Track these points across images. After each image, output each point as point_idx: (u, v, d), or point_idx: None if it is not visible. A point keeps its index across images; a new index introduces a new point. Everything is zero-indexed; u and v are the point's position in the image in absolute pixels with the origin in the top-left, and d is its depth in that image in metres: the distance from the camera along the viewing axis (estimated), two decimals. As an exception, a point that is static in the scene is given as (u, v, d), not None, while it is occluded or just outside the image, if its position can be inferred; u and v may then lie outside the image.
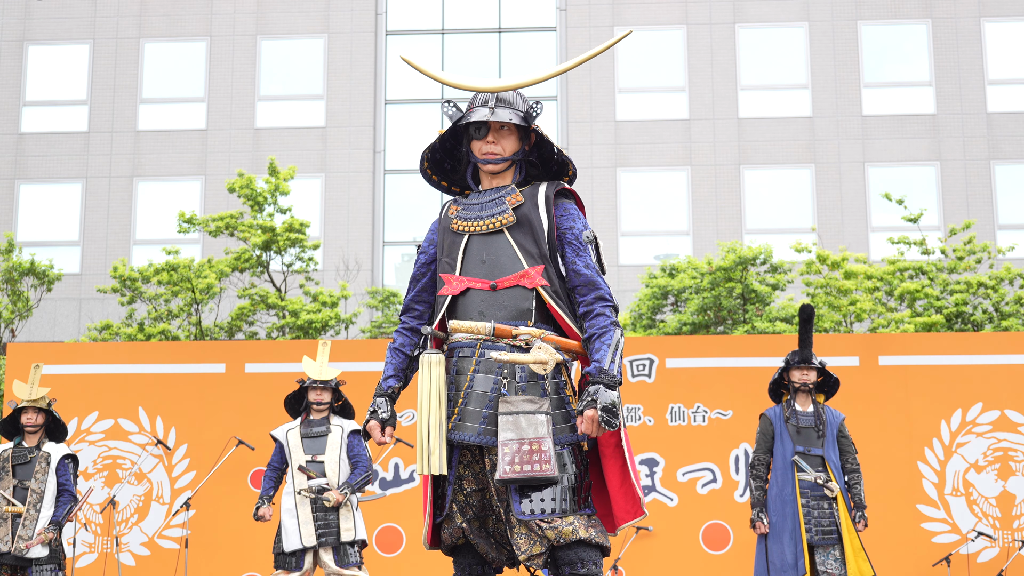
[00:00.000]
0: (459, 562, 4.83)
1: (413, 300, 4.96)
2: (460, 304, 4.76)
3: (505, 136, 4.80)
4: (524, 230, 4.74)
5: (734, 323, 19.09)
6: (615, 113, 25.45)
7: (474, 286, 4.73)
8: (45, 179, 25.61)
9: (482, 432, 4.57)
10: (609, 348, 4.55)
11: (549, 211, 4.77)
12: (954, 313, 18.24)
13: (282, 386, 10.56)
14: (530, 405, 4.50)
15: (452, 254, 4.80)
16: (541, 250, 4.72)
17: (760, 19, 25.70)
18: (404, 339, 4.92)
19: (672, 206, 25.17)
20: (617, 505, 4.72)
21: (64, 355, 12.75)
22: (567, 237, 4.77)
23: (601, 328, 4.62)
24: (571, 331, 4.73)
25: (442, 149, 4.99)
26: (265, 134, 25.45)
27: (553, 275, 4.72)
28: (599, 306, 4.67)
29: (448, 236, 4.85)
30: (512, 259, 4.72)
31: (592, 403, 4.46)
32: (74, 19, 26.13)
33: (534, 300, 4.70)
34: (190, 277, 19.21)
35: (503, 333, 4.64)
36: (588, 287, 4.70)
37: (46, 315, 23.91)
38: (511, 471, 4.45)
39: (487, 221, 4.77)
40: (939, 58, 25.24)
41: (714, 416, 12.10)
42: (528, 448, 4.45)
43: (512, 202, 4.78)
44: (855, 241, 23.95)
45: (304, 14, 26.06)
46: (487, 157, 4.81)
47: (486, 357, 4.63)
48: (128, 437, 12.21)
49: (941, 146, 24.90)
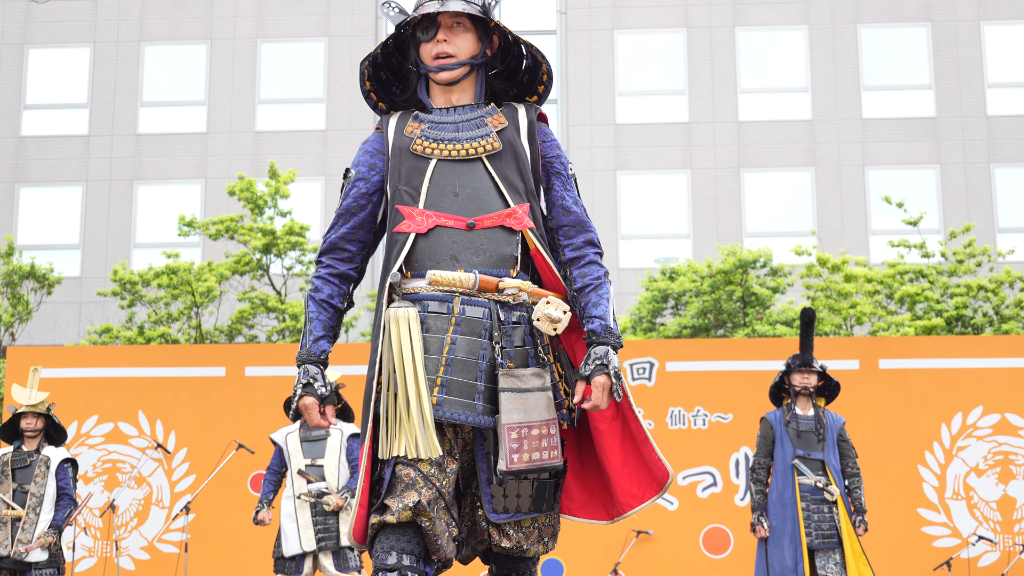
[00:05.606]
0: (387, 544, 3.69)
1: (343, 238, 4.00)
2: (423, 246, 3.88)
3: (459, 34, 4.00)
4: (508, 160, 3.96)
5: (734, 326, 19.09)
6: (615, 116, 25.46)
7: (445, 223, 3.87)
8: (45, 182, 25.61)
9: (481, 411, 3.77)
10: (609, 303, 3.90)
11: (532, 138, 4.02)
12: (954, 316, 18.24)
13: (282, 390, 10.55)
14: (538, 380, 3.79)
15: (414, 182, 3.91)
16: (527, 185, 3.96)
17: (760, 22, 25.70)
18: (331, 288, 3.99)
19: (672, 209, 25.17)
20: (621, 489, 3.96)
21: (64, 358, 12.76)
22: (555, 167, 4.04)
23: (596, 279, 3.93)
24: (555, 282, 3.99)
25: (388, 67, 4.15)
26: (265, 137, 25.46)
27: (538, 216, 3.97)
28: (591, 252, 3.98)
29: (407, 159, 3.95)
30: (491, 194, 3.91)
31: (602, 367, 3.78)
32: (75, 22, 26.13)
33: (519, 245, 3.92)
34: (190, 280, 19.22)
35: (487, 285, 3.83)
36: (577, 228, 3.98)
37: (46, 318, 23.90)
38: (519, 460, 3.73)
39: (466, 145, 3.94)
40: (939, 61, 25.24)
41: (714, 420, 12.10)
42: (538, 433, 3.75)
43: (495, 124, 4.00)
44: (855, 244, 23.94)
45: (304, 17, 26.06)
46: (439, 62, 3.98)
47: (466, 315, 3.81)
48: (128, 441, 12.22)
49: (941, 149, 24.90)
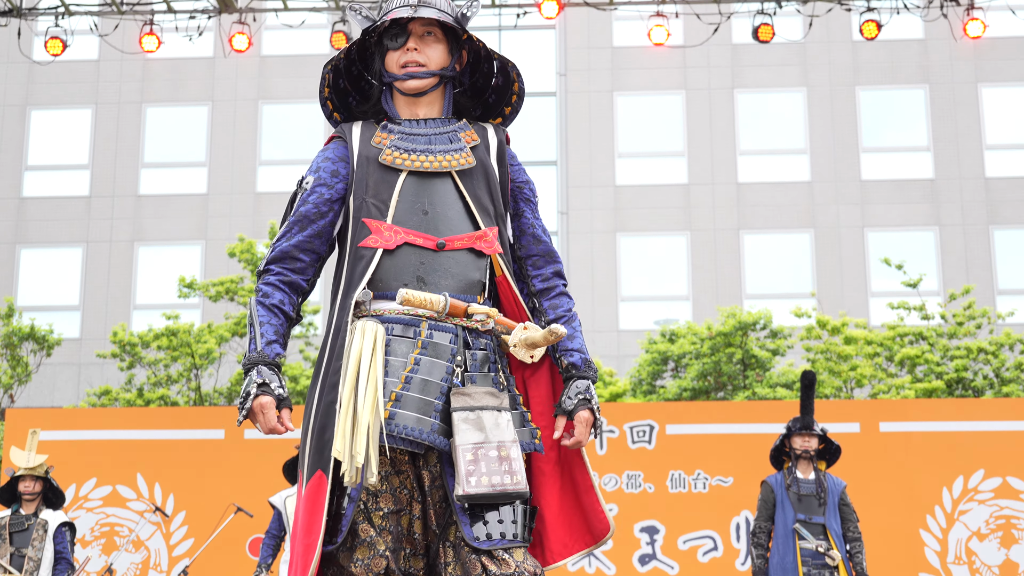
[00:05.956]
0: None
1: (298, 247, 3.70)
2: (388, 264, 3.63)
3: (430, 44, 3.76)
4: (479, 179, 3.74)
5: (734, 389, 19.07)
6: (615, 178, 25.55)
7: (413, 241, 3.63)
8: (46, 243, 25.67)
9: (436, 430, 3.47)
10: (582, 336, 3.76)
11: (502, 159, 3.81)
12: (955, 379, 18.21)
13: (281, 452, 10.52)
14: (492, 399, 3.50)
15: (382, 195, 3.67)
16: (496, 208, 3.74)
17: (758, 84, 25.86)
18: (283, 295, 3.69)
19: (672, 271, 25.21)
20: (554, 536, 3.71)
21: (63, 421, 12.74)
22: (524, 192, 3.86)
23: (568, 311, 3.79)
24: (517, 312, 3.77)
25: (348, 76, 3.89)
26: (266, 198, 25.52)
27: (506, 241, 3.78)
28: (560, 284, 3.84)
29: (375, 170, 3.71)
30: (461, 214, 3.69)
31: (585, 402, 3.64)
32: (77, 84, 26.29)
33: (487, 269, 3.71)
34: (190, 342, 19.21)
35: (455, 311, 3.59)
36: (547, 258, 3.84)
37: (45, 380, 23.86)
38: (478, 484, 3.40)
39: (440, 158, 3.71)
40: (937, 123, 25.38)
41: (715, 483, 12.06)
42: (496, 454, 3.43)
43: (468, 140, 3.77)
44: (855, 306, 23.95)
45: (305, 79, 26.20)
46: (408, 70, 3.73)
47: (433, 339, 3.56)
48: (126, 504, 12.17)
49: (940, 211, 24.98)
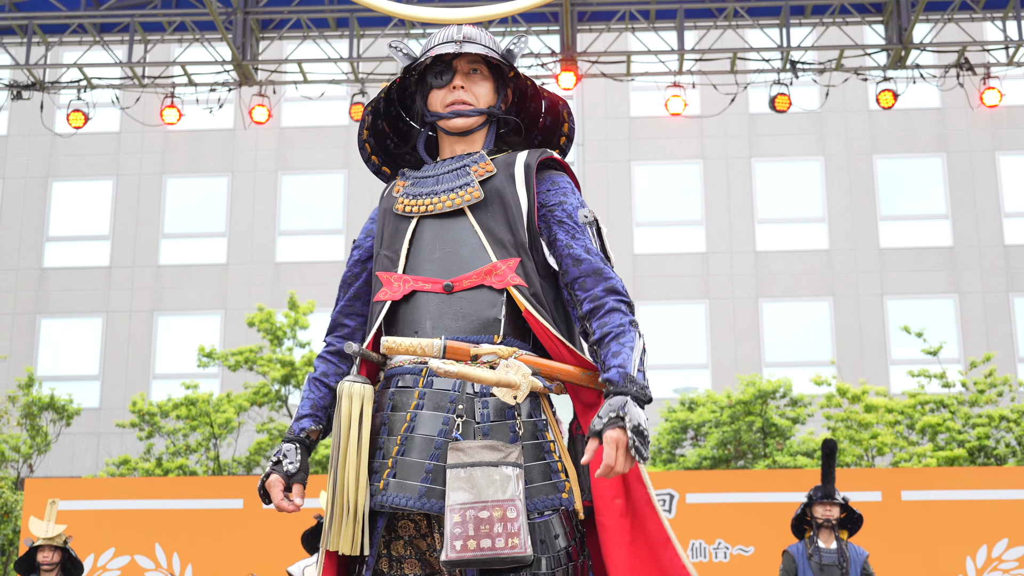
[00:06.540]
0: None
1: (342, 313, 3.65)
2: (403, 313, 3.45)
3: (477, 82, 3.57)
4: (493, 210, 3.46)
5: (755, 457, 18.96)
6: (633, 246, 25.59)
7: (422, 288, 3.43)
8: (66, 313, 25.77)
9: (424, 493, 3.23)
10: (633, 352, 3.27)
11: (529, 185, 3.48)
12: (977, 447, 18.09)
13: (300, 522, 10.48)
14: (491, 454, 3.18)
15: (395, 245, 3.51)
16: (516, 238, 3.42)
17: (776, 153, 25.94)
18: (328, 366, 3.61)
19: (690, 339, 25.17)
20: None
21: (82, 491, 12.74)
22: (556, 215, 3.48)
23: (617, 327, 3.34)
24: (559, 349, 3.39)
25: (387, 117, 3.72)
26: (285, 268, 25.63)
27: (532, 272, 3.41)
28: (612, 300, 3.38)
29: (391, 221, 3.56)
30: (476, 250, 3.44)
31: (616, 420, 3.09)
32: (98, 155, 26.50)
33: (504, 307, 3.39)
34: (209, 412, 19.21)
35: (457, 353, 3.33)
36: (594, 277, 3.40)
37: (64, 450, 23.86)
38: (462, 549, 3.13)
39: (444, 198, 3.49)
40: (955, 191, 25.40)
41: (736, 552, 11.97)
42: (488, 516, 3.13)
43: (480, 172, 3.50)
44: (875, 374, 23.85)
45: (324, 149, 26.39)
46: (454, 108, 3.54)
47: (433, 387, 3.34)
48: (144, 574, 12.12)
49: (959, 279, 24.94)
